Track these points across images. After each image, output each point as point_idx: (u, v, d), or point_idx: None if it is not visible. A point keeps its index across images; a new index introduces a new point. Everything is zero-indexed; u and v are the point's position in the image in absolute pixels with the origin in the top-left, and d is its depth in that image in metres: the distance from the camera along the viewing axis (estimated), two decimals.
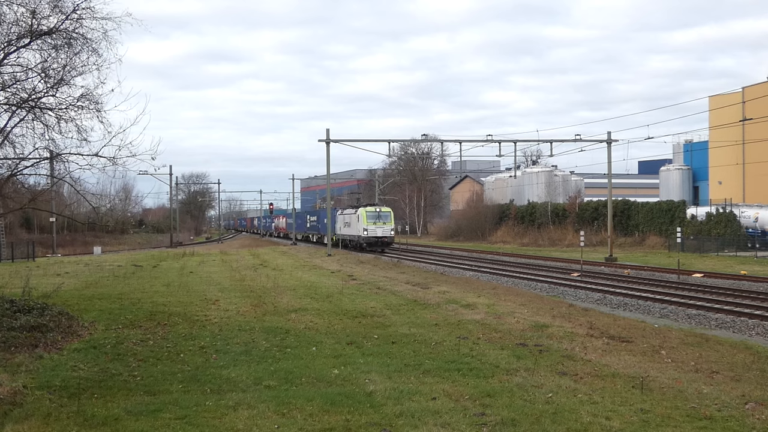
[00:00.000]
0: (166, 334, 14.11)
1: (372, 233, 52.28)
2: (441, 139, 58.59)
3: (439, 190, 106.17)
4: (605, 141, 46.26)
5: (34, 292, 18.44)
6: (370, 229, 52.28)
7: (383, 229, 52.61)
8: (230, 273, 30.96)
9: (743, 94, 57.24)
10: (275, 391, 9.51)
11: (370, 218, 52.68)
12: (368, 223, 52.26)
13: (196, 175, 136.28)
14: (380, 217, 53.03)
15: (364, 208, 54.21)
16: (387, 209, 55.56)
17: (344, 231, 58.78)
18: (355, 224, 54.35)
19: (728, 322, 17.04)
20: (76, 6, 14.42)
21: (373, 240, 52.25)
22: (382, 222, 52.83)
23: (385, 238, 52.78)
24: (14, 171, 15.52)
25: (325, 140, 47.22)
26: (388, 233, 52.86)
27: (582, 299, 21.72)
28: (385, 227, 52.78)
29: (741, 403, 8.94)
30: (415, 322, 15.72)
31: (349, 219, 57.70)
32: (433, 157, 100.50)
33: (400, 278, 27.65)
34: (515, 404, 8.78)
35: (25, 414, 8.34)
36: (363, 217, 52.63)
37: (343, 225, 59.44)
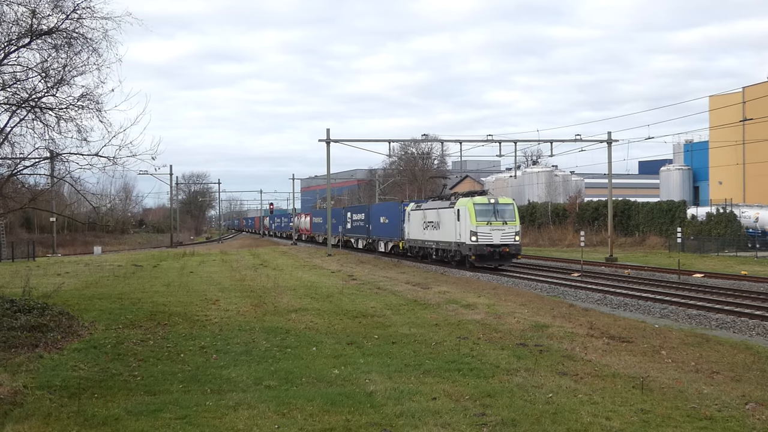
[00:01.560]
0: (167, 334, 14.11)
1: (485, 238, 32.92)
2: (441, 139, 58.60)
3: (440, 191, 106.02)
4: (605, 141, 46.24)
5: (35, 292, 18.44)
6: (482, 233, 32.97)
7: (503, 232, 33.23)
8: (230, 273, 30.96)
9: (743, 94, 57.23)
10: (275, 391, 9.51)
11: (482, 214, 33.27)
12: (479, 223, 32.96)
13: (197, 175, 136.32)
14: (497, 213, 33.46)
15: (470, 198, 34.40)
16: (507, 200, 35.46)
17: (423, 235, 39.47)
18: (451, 225, 35.24)
19: (728, 322, 17.03)
20: (76, 6, 14.44)
21: (486, 251, 32.77)
22: (501, 220, 33.39)
23: (507, 248, 33.18)
24: (14, 171, 15.52)
25: (325, 140, 47.22)
26: (511, 238, 33.35)
27: (582, 299, 21.71)
28: (507, 229, 33.31)
29: (741, 403, 8.94)
30: (415, 322, 15.72)
31: (435, 217, 37.59)
32: (433, 157, 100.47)
33: (401, 278, 27.65)
34: (515, 404, 8.78)
35: (26, 414, 8.34)
36: (469, 213, 33.22)
37: (420, 226, 40.01)
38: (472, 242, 32.99)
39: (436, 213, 37.57)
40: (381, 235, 48.74)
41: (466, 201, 34.13)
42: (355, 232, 56.75)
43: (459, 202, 34.83)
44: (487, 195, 36.34)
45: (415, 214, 41.10)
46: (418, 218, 40.59)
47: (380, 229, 48.74)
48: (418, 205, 41.82)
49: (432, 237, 38.21)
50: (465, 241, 33.42)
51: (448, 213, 35.79)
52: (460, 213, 34.11)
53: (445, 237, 36.24)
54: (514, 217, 33.93)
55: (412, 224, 41.53)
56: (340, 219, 60.64)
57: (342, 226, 59.38)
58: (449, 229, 35.49)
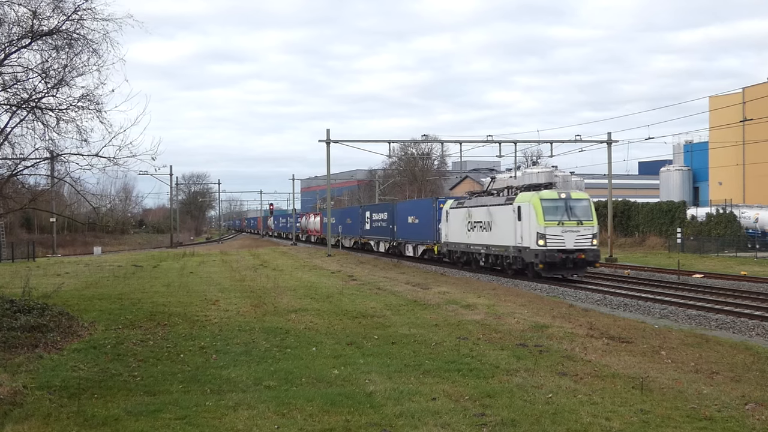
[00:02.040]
0: (166, 335, 14.11)
1: (556, 242, 26.78)
2: (441, 140, 58.56)
3: (440, 191, 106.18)
4: (605, 141, 46.25)
5: (34, 293, 18.44)
6: (552, 235, 26.75)
7: (578, 235, 27.07)
8: (230, 273, 30.96)
9: (743, 95, 57.24)
10: (275, 392, 9.51)
11: (552, 212, 27.12)
12: (548, 223, 26.78)
13: (197, 176, 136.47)
14: (570, 210, 27.33)
15: (535, 193, 28.17)
16: (581, 194, 29.09)
17: (468, 237, 33.22)
18: (507, 225, 28.97)
19: (728, 322, 17.03)
20: (77, 7, 14.46)
21: (558, 258, 26.60)
22: (575, 219, 27.20)
23: (583, 254, 27.00)
24: (14, 171, 15.53)
25: (325, 140, 47.23)
26: (587, 242, 27.20)
27: (582, 300, 21.71)
28: (582, 230, 27.15)
29: (741, 403, 8.94)
30: (415, 322, 15.72)
31: (485, 216, 31.21)
32: (433, 157, 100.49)
33: (400, 279, 27.65)
34: (515, 405, 8.78)
35: (25, 414, 8.34)
36: (535, 211, 27.03)
37: (463, 227, 33.71)
38: (538, 247, 26.63)
39: (485, 211, 31.28)
40: (409, 238, 42.86)
41: (529, 196, 27.84)
42: (375, 234, 50.13)
43: (519, 197, 28.56)
44: (555, 188, 30.07)
45: (455, 213, 34.82)
46: (459, 218, 34.23)
47: (408, 230, 43.02)
48: (459, 202, 35.24)
49: (480, 240, 31.95)
50: (529, 245, 27.19)
51: (504, 211, 29.47)
52: (522, 211, 27.80)
53: (499, 240, 30.05)
54: (590, 215, 27.67)
55: (451, 225, 35.20)
56: (357, 219, 54.89)
57: (360, 227, 53.64)
58: (505, 231, 29.23)
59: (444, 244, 36.53)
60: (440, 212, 37.01)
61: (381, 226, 48.74)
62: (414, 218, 41.78)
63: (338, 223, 61.17)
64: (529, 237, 27.34)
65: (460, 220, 34.14)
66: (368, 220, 52.05)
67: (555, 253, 26.60)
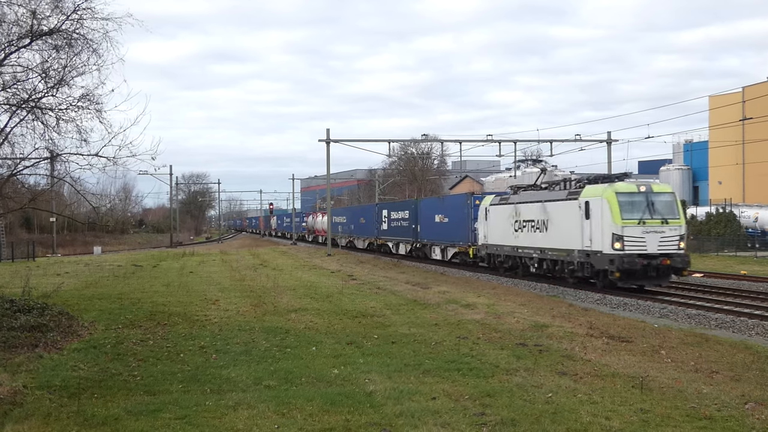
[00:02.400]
0: (166, 334, 14.11)
1: (636, 245, 22.08)
2: (441, 139, 58.58)
3: (440, 191, 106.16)
4: (605, 141, 46.27)
5: (34, 292, 18.45)
6: (632, 237, 22.13)
7: (663, 236, 22.45)
8: (230, 273, 30.96)
9: (743, 94, 57.26)
10: (275, 391, 9.52)
11: (631, 208, 22.55)
12: (626, 222, 22.18)
13: (197, 175, 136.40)
14: (652, 207, 22.70)
15: (609, 185, 23.45)
16: (664, 187, 24.88)
17: (515, 239, 28.47)
18: (571, 224, 24.28)
19: (728, 322, 17.03)
20: (76, 6, 14.46)
21: (639, 264, 21.95)
22: (659, 217, 22.59)
23: (668, 259, 22.29)
24: (14, 171, 15.54)
25: (325, 140, 47.24)
26: (674, 245, 22.48)
27: (582, 299, 21.71)
28: (668, 231, 22.51)
29: (741, 403, 8.95)
30: (415, 322, 15.73)
31: (539, 213, 26.55)
32: (433, 157, 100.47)
33: (400, 278, 27.65)
34: (515, 404, 8.78)
35: (25, 414, 8.34)
36: (610, 208, 22.41)
37: (508, 226, 28.88)
38: (615, 251, 21.96)
39: (539, 208, 26.52)
40: (436, 239, 38.80)
41: (600, 189, 23.15)
42: (394, 235, 45.66)
43: (588, 191, 23.89)
44: (630, 179, 25.29)
45: (497, 211, 30.04)
46: (503, 216, 29.37)
47: (435, 230, 38.94)
48: (503, 198, 30.41)
49: (531, 242, 27.14)
50: (601, 249, 22.45)
51: (566, 208, 24.74)
52: (591, 207, 23.08)
53: (558, 243, 25.26)
54: (677, 212, 22.87)
55: (492, 224, 30.51)
56: (372, 218, 50.05)
57: (376, 227, 49.21)
58: (567, 232, 24.51)
59: (482, 247, 31.80)
60: (476, 210, 32.82)
61: (401, 226, 44.43)
62: (442, 217, 37.79)
63: (349, 223, 57.39)
64: (601, 239, 22.56)
65: (505, 218, 29.30)
66: (385, 219, 47.70)
67: (635, 258, 21.81)
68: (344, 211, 64.64)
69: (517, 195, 29.55)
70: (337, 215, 63.70)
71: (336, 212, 65.85)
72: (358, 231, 55.38)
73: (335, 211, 67.37)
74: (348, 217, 59.51)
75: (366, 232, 52.87)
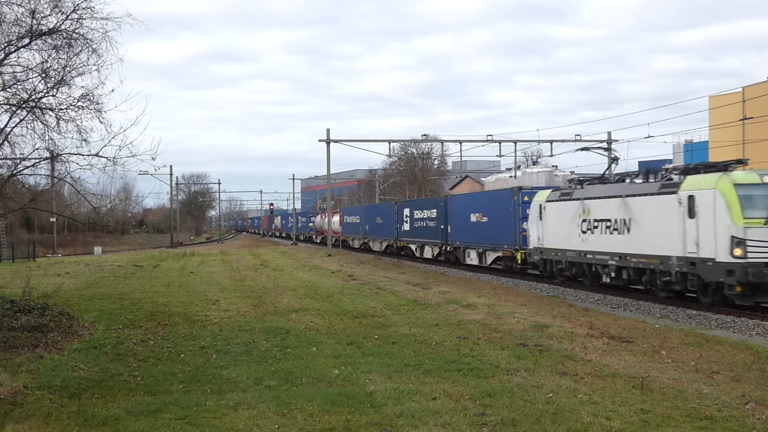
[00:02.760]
0: (167, 335, 14.11)
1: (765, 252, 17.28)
2: (441, 139, 58.56)
3: (440, 191, 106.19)
4: (605, 141, 46.27)
5: (35, 292, 18.45)
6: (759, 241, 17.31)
7: None
8: (230, 273, 30.96)
9: (743, 94, 57.27)
10: (275, 392, 9.51)
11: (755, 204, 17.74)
12: (750, 221, 17.45)
13: (197, 176, 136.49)
14: None
15: (722, 174, 18.45)
16: None
17: (583, 242, 24.08)
18: (666, 225, 19.74)
19: (728, 322, 17.02)
20: (76, 6, 14.46)
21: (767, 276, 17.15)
22: None
23: None
24: (14, 171, 15.54)
25: (325, 140, 47.23)
26: None
27: (582, 299, 21.71)
28: None
29: (741, 403, 8.94)
30: (415, 322, 15.72)
31: (618, 211, 22.08)
32: (433, 157, 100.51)
33: (401, 278, 27.65)
34: (515, 404, 8.78)
35: (26, 414, 8.34)
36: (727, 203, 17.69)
37: (573, 227, 24.54)
38: (734, 259, 17.46)
39: (619, 204, 21.72)
40: (471, 240, 34.00)
41: (713, 180, 18.41)
42: (419, 236, 40.83)
43: (691, 181, 19.17)
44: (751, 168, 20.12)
45: (556, 208, 25.54)
46: (566, 214, 24.74)
47: (470, 231, 34.13)
48: (564, 193, 25.65)
49: (607, 246, 22.47)
50: (713, 255, 17.99)
51: (658, 203, 20.08)
52: (699, 203, 18.44)
53: (646, 247, 20.60)
54: None
55: (548, 224, 26.03)
56: (391, 217, 45.66)
57: (395, 228, 44.85)
58: (661, 233, 19.88)
59: (534, 251, 27.12)
60: (525, 207, 28.53)
61: (427, 226, 39.37)
62: (479, 215, 33.29)
63: (363, 223, 52.36)
64: (713, 243, 17.92)
65: (568, 217, 24.60)
66: (407, 218, 42.64)
67: (763, 268, 17.12)
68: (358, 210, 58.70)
69: (583, 189, 24.69)
70: (350, 215, 59.17)
71: (349, 211, 61.89)
72: (375, 232, 50.32)
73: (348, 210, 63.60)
74: (362, 217, 53.89)
75: (384, 233, 47.81)
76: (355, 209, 62.89)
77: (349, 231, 57.92)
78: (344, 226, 59.01)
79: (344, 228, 59.05)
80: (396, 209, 45.89)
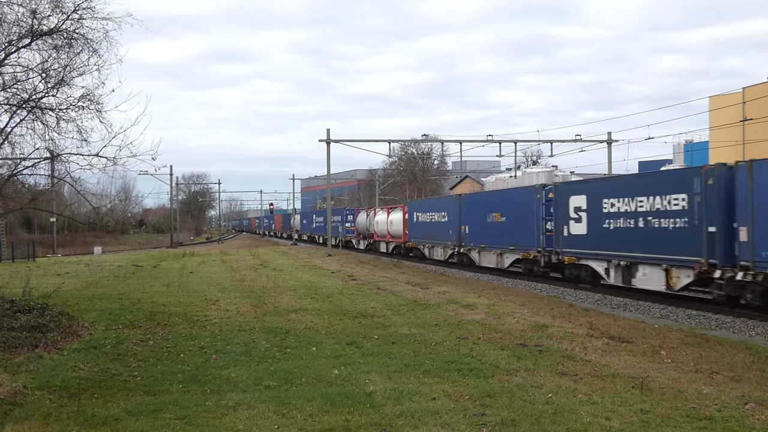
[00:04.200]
0: (166, 335, 14.11)
1: None
2: (441, 139, 58.60)
3: (440, 191, 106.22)
4: (605, 141, 46.27)
5: (35, 292, 18.44)
6: None
7: None
8: (230, 273, 30.96)
9: (743, 95, 57.27)
10: (275, 392, 9.51)
11: None
12: None
13: (197, 176, 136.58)
14: None
15: None
16: None
17: None
18: None
19: (728, 322, 17.02)
20: (76, 6, 14.46)
21: None
22: None
23: None
24: (14, 171, 15.54)
25: (325, 140, 47.23)
26: None
27: (582, 299, 21.70)
28: None
29: (741, 403, 8.94)
30: (415, 322, 15.72)
31: None
32: (433, 157, 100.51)
33: (400, 278, 27.64)
34: (515, 404, 8.78)
35: (25, 414, 8.34)
36: None
37: None
38: None
39: None
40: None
41: None
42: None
43: None
44: None
45: None
46: None
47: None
48: None
49: None
50: None
51: None
52: None
53: None
54: None
55: None
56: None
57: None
58: None
59: None
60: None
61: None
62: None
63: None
64: None
65: None
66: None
67: None
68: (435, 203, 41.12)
69: None
70: (426, 210, 40.16)
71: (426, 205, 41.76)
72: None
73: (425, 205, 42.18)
74: (443, 212, 37.53)
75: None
76: (431, 203, 42.97)
77: (418, 233, 40.79)
78: (414, 227, 41.50)
79: (412, 229, 41.84)
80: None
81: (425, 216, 39.88)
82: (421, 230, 40.45)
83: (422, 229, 40.19)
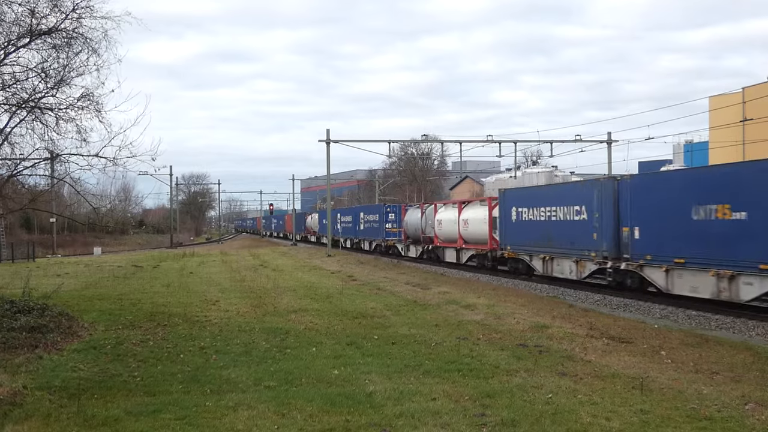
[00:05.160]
0: (166, 335, 14.10)
1: None
2: (441, 140, 58.60)
3: (440, 191, 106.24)
4: (605, 141, 46.27)
5: (34, 293, 18.44)
6: None
7: None
8: (230, 274, 30.95)
9: (743, 95, 57.27)
10: (275, 392, 9.51)
11: None
12: None
13: (197, 176, 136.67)
14: None
15: None
16: None
17: None
18: None
19: (728, 322, 17.02)
20: (75, 5, 14.44)
21: None
22: None
23: None
24: (14, 172, 15.54)
25: (325, 140, 47.22)
26: None
27: (582, 300, 21.70)
28: None
29: (741, 403, 8.94)
30: (415, 322, 15.71)
31: None
32: (433, 157, 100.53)
33: (400, 279, 27.63)
34: (515, 405, 8.78)
35: (25, 414, 8.34)
36: None
37: None
38: None
39: None
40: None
41: None
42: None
43: None
44: None
45: None
46: None
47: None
48: None
49: None
50: None
51: None
52: None
53: None
54: None
55: None
56: None
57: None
58: None
59: None
60: None
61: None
62: None
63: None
64: None
65: None
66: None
67: None
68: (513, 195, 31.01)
69: None
70: None
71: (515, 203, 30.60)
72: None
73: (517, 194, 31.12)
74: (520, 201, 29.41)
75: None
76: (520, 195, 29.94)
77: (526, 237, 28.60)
78: (501, 229, 30.37)
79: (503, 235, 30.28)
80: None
81: (536, 212, 27.63)
82: (527, 232, 28.22)
83: (530, 230, 27.96)
